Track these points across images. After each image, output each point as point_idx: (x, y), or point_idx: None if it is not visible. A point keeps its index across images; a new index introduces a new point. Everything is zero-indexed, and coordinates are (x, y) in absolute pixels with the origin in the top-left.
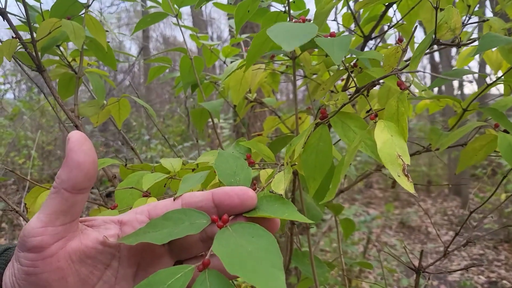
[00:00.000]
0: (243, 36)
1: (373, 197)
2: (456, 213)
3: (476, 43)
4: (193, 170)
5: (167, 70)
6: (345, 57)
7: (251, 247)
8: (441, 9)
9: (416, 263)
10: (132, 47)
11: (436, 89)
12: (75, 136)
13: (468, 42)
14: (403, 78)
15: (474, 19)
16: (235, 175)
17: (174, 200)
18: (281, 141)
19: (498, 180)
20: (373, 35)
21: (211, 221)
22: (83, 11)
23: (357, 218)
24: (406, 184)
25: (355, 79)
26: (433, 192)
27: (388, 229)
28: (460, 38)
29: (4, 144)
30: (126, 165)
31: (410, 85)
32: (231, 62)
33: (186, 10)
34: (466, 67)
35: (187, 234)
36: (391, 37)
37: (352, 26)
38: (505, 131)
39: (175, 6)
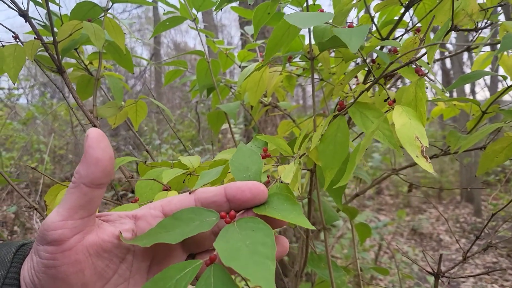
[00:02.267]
0: (258, 42)
1: (384, 204)
2: (468, 221)
3: (487, 48)
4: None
5: (183, 75)
6: (362, 48)
7: (249, 241)
8: None
9: (430, 269)
10: (143, 53)
11: (447, 95)
12: (93, 133)
13: (485, 26)
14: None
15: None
16: (247, 170)
17: (190, 193)
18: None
19: (510, 187)
20: (390, 38)
21: (220, 217)
22: (102, 14)
23: (370, 225)
24: (425, 165)
25: (374, 73)
26: (444, 199)
27: (400, 236)
28: (477, 24)
29: (17, 148)
30: (146, 162)
31: (427, 72)
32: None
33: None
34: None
35: (199, 232)
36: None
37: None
38: None
39: (193, 10)
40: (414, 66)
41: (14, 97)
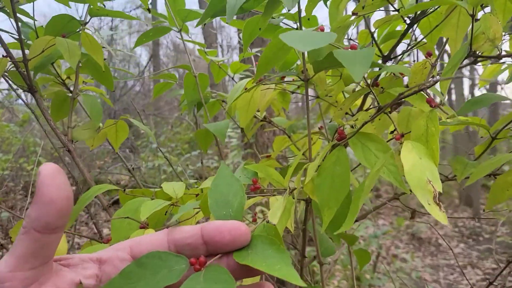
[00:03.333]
0: (254, 50)
1: (382, 207)
2: (467, 225)
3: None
4: (197, 195)
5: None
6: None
7: None
8: (477, 19)
9: (427, 277)
10: (142, 54)
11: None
12: (46, 169)
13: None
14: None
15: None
16: (228, 205)
17: (166, 228)
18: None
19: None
20: (392, 55)
21: (190, 264)
22: (81, 27)
23: (367, 231)
24: (438, 215)
25: (377, 97)
26: (443, 202)
27: (399, 241)
28: (501, 50)
29: (13, 150)
30: (124, 190)
31: (442, 103)
32: (240, 78)
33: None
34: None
35: (166, 284)
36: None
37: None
38: None
39: (185, 21)
40: (425, 94)
41: (12, 98)
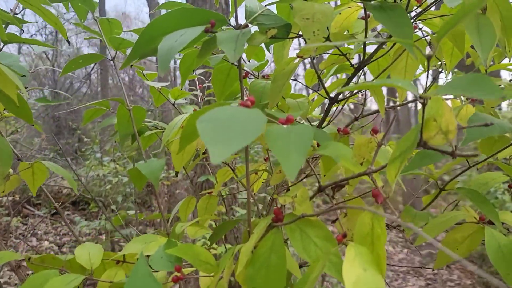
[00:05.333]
0: (198, 72)
1: (331, 213)
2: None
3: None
4: (117, 262)
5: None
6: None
7: None
8: (424, 102)
9: None
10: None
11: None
12: None
13: (461, 154)
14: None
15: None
16: None
17: None
18: (228, 225)
19: (451, 197)
20: (340, 97)
21: None
22: None
23: None
24: None
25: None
26: (388, 208)
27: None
28: (455, 147)
29: None
30: (30, 259)
31: (388, 196)
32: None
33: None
34: None
35: None
36: None
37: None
38: (490, 222)
39: (118, 49)
40: (371, 178)
41: None
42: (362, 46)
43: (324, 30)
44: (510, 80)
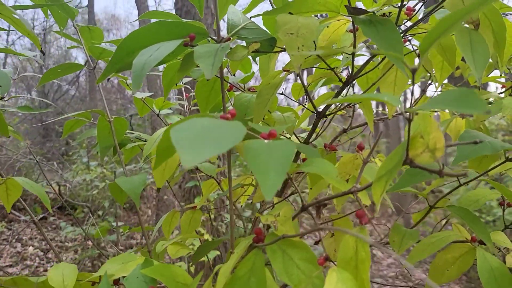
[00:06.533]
0: (185, 80)
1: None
2: None
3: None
4: (93, 284)
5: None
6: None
7: None
8: (409, 119)
9: None
10: (78, 56)
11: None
12: None
13: (449, 173)
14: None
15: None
16: None
17: None
18: (210, 245)
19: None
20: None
21: None
22: None
23: None
24: None
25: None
26: (376, 212)
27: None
28: (443, 166)
29: None
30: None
31: (373, 217)
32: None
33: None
34: None
35: None
36: None
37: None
38: (481, 242)
39: (99, 58)
40: (355, 197)
41: None
42: (351, 60)
43: (309, 46)
44: (499, 93)
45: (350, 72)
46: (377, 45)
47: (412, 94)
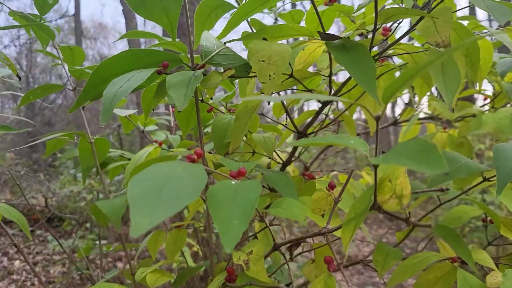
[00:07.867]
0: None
1: (311, 224)
2: (390, 240)
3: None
4: None
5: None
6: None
7: None
8: (375, 165)
9: None
10: (65, 64)
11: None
12: None
13: (417, 223)
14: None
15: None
16: None
17: None
18: (191, 271)
19: (430, 207)
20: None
21: None
22: None
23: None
24: None
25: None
26: (368, 218)
27: None
28: (409, 214)
29: None
30: None
31: (342, 263)
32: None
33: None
34: None
35: None
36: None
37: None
38: (463, 262)
39: (79, 79)
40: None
41: None
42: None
43: (280, 74)
44: (481, 106)
45: (329, 91)
46: (349, 73)
47: (377, 130)
